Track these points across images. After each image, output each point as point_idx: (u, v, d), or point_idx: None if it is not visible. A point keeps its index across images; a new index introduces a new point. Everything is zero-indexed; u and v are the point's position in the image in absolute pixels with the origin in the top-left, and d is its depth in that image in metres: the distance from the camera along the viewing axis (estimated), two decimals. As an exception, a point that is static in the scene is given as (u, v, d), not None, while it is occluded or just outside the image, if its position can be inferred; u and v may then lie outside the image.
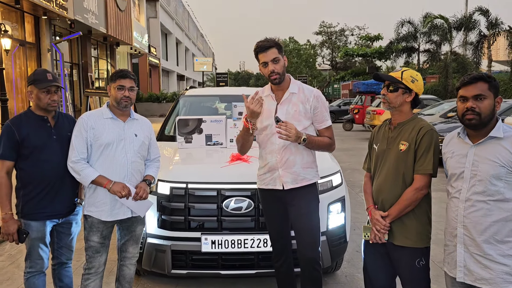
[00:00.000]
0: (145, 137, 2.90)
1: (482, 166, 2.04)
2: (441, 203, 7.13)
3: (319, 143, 2.76)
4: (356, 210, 5.47)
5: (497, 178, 2.01)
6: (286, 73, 2.80)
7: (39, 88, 2.68)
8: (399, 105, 2.41)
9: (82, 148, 2.71)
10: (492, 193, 2.02)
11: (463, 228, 2.10)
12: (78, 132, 2.73)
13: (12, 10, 12.30)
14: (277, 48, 2.71)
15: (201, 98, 5.48)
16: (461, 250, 2.11)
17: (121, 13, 19.90)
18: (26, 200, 2.72)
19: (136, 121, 2.91)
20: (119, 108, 2.79)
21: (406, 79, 2.38)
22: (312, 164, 2.84)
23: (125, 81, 2.76)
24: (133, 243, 2.95)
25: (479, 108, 2.03)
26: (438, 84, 23.03)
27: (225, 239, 3.08)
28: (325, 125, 2.82)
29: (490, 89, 2.05)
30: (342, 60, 43.43)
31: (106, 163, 2.73)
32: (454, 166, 2.17)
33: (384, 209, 2.41)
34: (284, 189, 2.76)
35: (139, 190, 2.77)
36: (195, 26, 58.13)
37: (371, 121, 16.52)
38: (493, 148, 2.03)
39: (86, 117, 2.78)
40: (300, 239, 2.80)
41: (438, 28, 24.06)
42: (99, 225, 2.76)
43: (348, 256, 4.25)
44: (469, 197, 2.07)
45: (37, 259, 2.77)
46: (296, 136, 2.58)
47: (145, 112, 26.92)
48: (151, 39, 30.64)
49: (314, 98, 2.78)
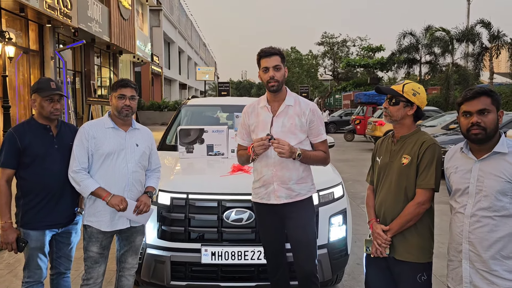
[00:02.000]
0: (146, 147, 2.90)
1: (488, 182, 2.01)
2: (443, 215, 7.07)
3: (314, 158, 2.76)
4: (357, 222, 5.44)
5: (502, 193, 1.98)
6: (286, 84, 2.81)
7: (42, 97, 2.69)
8: (400, 118, 2.39)
9: (83, 157, 2.70)
10: (498, 208, 1.99)
11: (468, 244, 2.07)
12: (79, 141, 2.73)
13: (17, 18, 12.39)
14: (280, 56, 2.73)
15: (202, 107, 5.49)
16: (466, 266, 2.08)
17: (124, 22, 20.04)
18: (26, 209, 2.70)
19: (137, 131, 2.90)
20: (120, 117, 2.79)
21: (408, 92, 2.37)
22: (307, 179, 2.82)
23: (126, 90, 2.77)
24: (132, 254, 2.93)
25: (484, 123, 2.01)
26: (439, 96, 23.07)
27: (225, 251, 3.05)
28: (320, 138, 2.82)
29: (493, 103, 2.04)
30: (343, 71, 43.54)
31: (107, 173, 2.73)
32: (458, 181, 2.14)
33: (386, 223, 2.39)
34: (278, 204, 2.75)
35: (139, 204, 2.77)
36: (197, 35, 58.48)
37: (372, 132, 16.52)
38: (498, 164, 2.01)
39: (88, 126, 2.78)
40: (296, 252, 2.78)
41: (440, 40, 24.16)
42: (99, 235, 2.75)
43: (349, 269, 4.21)
44: (475, 212, 2.04)
45: (36, 269, 2.75)
46: (290, 152, 2.58)
47: (146, 120, 27.01)
48: (154, 48, 30.82)
49: (310, 111, 2.77)
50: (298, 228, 2.75)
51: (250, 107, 2.91)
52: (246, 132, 2.92)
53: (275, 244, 2.89)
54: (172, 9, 38.63)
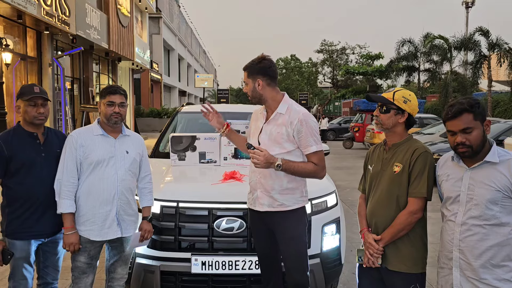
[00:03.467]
0: (136, 154, 2.85)
1: (478, 190, 2.01)
2: (439, 223, 7.03)
3: (299, 170, 2.63)
4: (353, 230, 5.37)
5: (493, 202, 1.97)
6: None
7: (24, 100, 2.64)
8: (392, 126, 2.36)
9: (72, 167, 2.65)
10: (488, 217, 1.99)
11: (459, 252, 2.06)
12: (69, 151, 2.67)
13: (15, 25, 12.40)
14: (248, 71, 2.75)
15: (197, 114, 5.44)
16: (457, 274, 2.08)
17: (123, 29, 20.08)
18: (11, 218, 2.64)
19: (128, 138, 2.85)
20: (109, 124, 2.74)
21: (398, 100, 2.33)
22: (295, 190, 2.71)
23: (115, 97, 2.71)
24: (122, 264, 2.87)
25: (469, 141, 2.00)
26: (438, 103, 23.11)
27: (216, 260, 3.00)
28: (309, 150, 2.66)
29: (476, 118, 2.01)
30: (343, 78, 43.69)
31: (96, 181, 2.67)
32: (449, 189, 2.13)
33: (378, 232, 2.35)
34: (265, 211, 2.71)
35: (144, 233, 2.83)
36: (197, 42, 58.70)
37: (371, 139, 16.51)
38: (488, 172, 2.01)
39: (76, 135, 2.72)
40: (287, 263, 2.73)
41: (438, 48, 24.24)
42: (87, 245, 2.69)
43: (344, 279, 4.14)
44: (465, 221, 2.04)
45: (21, 279, 2.69)
46: (267, 162, 2.54)
47: (146, 127, 27.02)
48: (153, 55, 30.90)
49: (299, 121, 2.64)
50: (286, 240, 2.70)
51: (255, 112, 2.97)
52: (247, 135, 3.03)
53: (266, 251, 2.84)
54: (172, 16, 38.79)
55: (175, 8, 41.42)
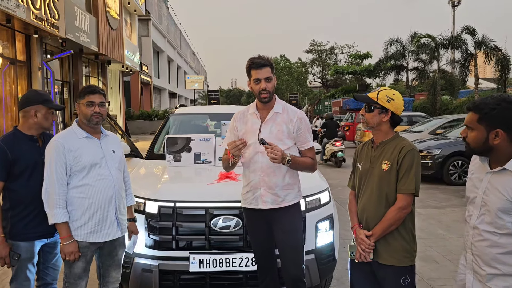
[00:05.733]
0: (121, 153, 2.88)
1: (491, 197, 1.91)
2: (430, 219, 7.15)
3: (302, 164, 2.82)
4: (346, 228, 5.47)
5: (504, 212, 1.86)
6: (276, 91, 2.88)
7: (49, 107, 2.75)
8: (376, 124, 2.45)
9: (63, 173, 2.59)
10: (499, 226, 1.88)
11: (472, 255, 2.01)
12: (55, 157, 2.58)
13: (3, 29, 12.31)
14: (270, 67, 2.79)
15: (190, 116, 5.51)
16: (470, 276, 2.03)
17: (112, 31, 20.02)
18: (14, 221, 2.68)
19: (108, 137, 2.84)
20: (90, 125, 2.70)
21: (382, 99, 2.42)
22: (294, 186, 2.86)
23: (94, 97, 2.68)
24: (116, 268, 2.87)
25: (468, 138, 1.97)
26: (426, 102, 23.33)
27: (213, 258, 3.07)
28: (307, 146, 2.87)
29: (480, 122, 1.90)
30: (332, 78, 43.95)
31: (94, 183, 2.64)
32: (469, 188, 2.07)
33: (369, 228, 2.43)
34: (268, 209, 2.79)
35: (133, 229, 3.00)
36: (187, 44, 58.55)
37: (361, 137, 16.67)
38: (506, 180, 1.87)
39: (61, 139, 2.63)
40: (284, 257, 2.82)
41: (426, 46, 24.49)
42: (84, 250, 2.65)
43: (338, 274, 4.24)
44: (477, 225, 1.96)
45: (24, 281, 2.73)
46: (282, 157, 2.63)
47: (136, 130, 26.89)
48: (143, 57, 30.78)
49: (298, 119, 2.83)
50: (285, 233, 2.79)
51: (240, 114, 2.97)
52: (234, 137, 2.90)
53: (264, 248, 2.92)
54: (161, 18, 38.68)
55: (164, 10, 41.30)
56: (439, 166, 9.60)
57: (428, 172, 9.58)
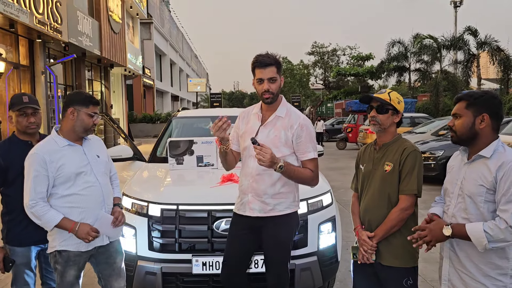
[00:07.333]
0: (105, 156, 2.77)
1: (467, 184, 2.04)
2: (433, 221, 7.04)
3: (298, 174, 2.56)
4: (348, 229, 5.46)
5: (477, 196, 1.99)
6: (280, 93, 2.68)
7: (14, 111, 2.70)
8: (388, 126, 2.45)
9: (42, 187, 2.44)
10: (473, 212, 2.01)
11: (449, 243, 2.12)
12: (35, 171, 2.43)
13: (7, 34, 12.39)
14: (276, 66, 2.57)
15: (193, 119, 5.53)
16: (446, 265, 2.14)
17: (115, 35, 20.10)
18: (11, 226, 2.70)
19: (91, 142, 2.72)
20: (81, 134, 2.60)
21: (394, 100, 2.43)
22: (288, 195, 2.66)
23: (96, 109, 2.62)
24: (117, 278, 2.76)
25: (455, 126, 2.10)
26: (429, 103, 23.31)
27: (216, 261, 3.07)
28: (307, 156, 2.61)
29: (468, 107, 2.04)
30: (334, 80, 43.87)
31: (82, 191, 2.53)
32: (449, 180, 2.19)
33: (371, 229, 2.44)
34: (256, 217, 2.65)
35: (118, 215, 2.67)
36: (189, 47, 58.72)
37: (364, 139, 16.64)
38: (479, 167, 2.02)
39: (40, 152, 2.47)
40: (269, 267, 2.72)
41: (428, 47, 24.49)
42: (76, 258, 2.56)
43: (341, 276, 4.23)
44: (454, 213, 2.09)
45: (24, 285, 2.76)
46: (271, 161, 2.39)
47: (139, 133, 26.97)
48: (145, 61, 30.89)
49: (299, 126, 2.60)
50: (272, 245, 2.67)
51: (245, 112, 2.86)
52: (236, 136, 2.81)
53: (237, 257, 2.75)
54: (163, 21, 38.82)
55: (166, 13, 41.47)
56: (442, 167, 9.58)
57: (431, 174, 9.57)
